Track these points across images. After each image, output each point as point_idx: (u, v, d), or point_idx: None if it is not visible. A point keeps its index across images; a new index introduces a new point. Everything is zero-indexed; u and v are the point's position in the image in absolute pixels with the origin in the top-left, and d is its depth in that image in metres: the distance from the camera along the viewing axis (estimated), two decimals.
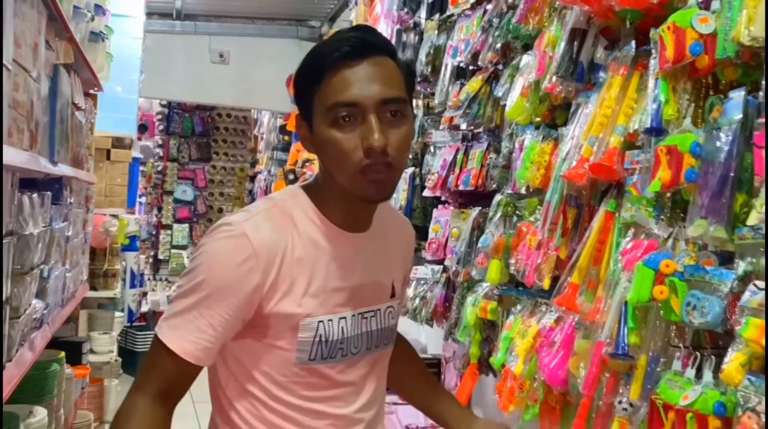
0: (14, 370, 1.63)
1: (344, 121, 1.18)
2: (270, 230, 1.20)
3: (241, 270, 1.17)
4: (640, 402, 1.56)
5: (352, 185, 1.21)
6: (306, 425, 1.26)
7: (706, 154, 1.43)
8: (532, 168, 2.06)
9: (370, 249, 1.33)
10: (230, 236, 1.18)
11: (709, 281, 1.40)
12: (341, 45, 1.19)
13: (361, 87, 1.17)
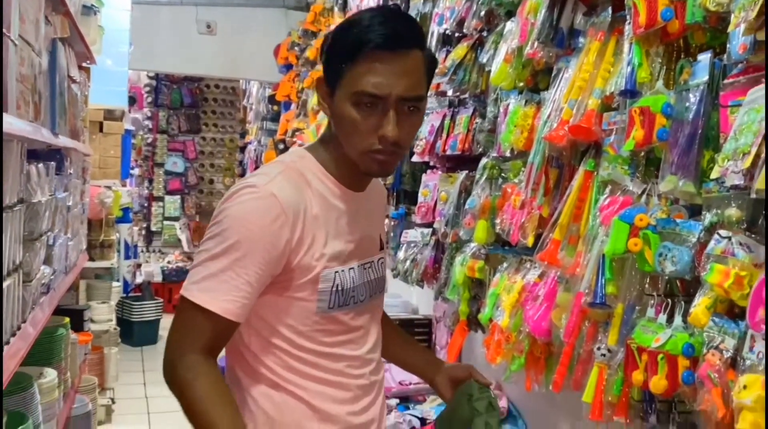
0: (29, 329, 1.72)
1: (366, 106, 1.28)
2: (291, 190, 1.29)
3: (274, 227, 1.25)
4: (617, 347, 1.67)
5: (359, 160, 1.32)
6: (327, 368, 1.36)
7: (677, 114, 1.52)
8: (516, 131, 2.15)
9: (365, 207, 1.45)
10: (259, 197, 1.26)
11: (679, 233, 1.51)
12: (379, 33, 1.26)
13: (388, 82, 1.26)
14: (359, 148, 1.30)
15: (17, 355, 1.56)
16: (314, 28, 5.79)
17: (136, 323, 6.41)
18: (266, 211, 1.25)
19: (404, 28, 1.30)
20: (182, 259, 8.69)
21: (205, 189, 9.24)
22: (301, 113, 5.89)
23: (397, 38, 1.27)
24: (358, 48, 1.26)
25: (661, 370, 1.48)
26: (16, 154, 1.51)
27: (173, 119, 9.05)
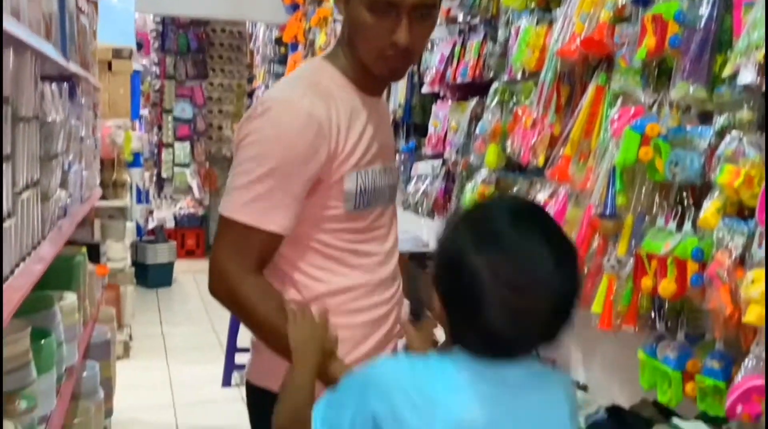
0: (48, 248, 1.76)
1: (381, 10, 1.28)
2: (321, 104, 1.31)
3: (315, 143, 1.28)
4: (626, 258, 1.70)
5: (372, 64, 1.35)
6: (355, 264, 1.40)
7: (689, 21, 1.51)
8: (528, 51, 2.14)
9: (381, 114, 1.47)
10: (295, 116, 1.28)
11: (690, 139, 1.51)
12: None
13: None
14: (372, 52, 1.33)
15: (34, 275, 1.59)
16: None
17: (150, 266, 6.50)
18: (304, 129, 1.28)
19: None
20: (193, 205, 8.74)
21: (214, 135, 9.21)
22: (309, 53, 5.84)
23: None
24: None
25: (670, 274, 1.50)
26: (31, 68, 1.52)
27: (180, 65, 8.98)
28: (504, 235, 0.98)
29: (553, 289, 0.96)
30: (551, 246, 0.98)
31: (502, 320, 0.96)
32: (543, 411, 1.04)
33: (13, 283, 1.35)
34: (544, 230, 1.00)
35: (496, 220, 1.00)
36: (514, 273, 0.96)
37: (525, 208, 1.05)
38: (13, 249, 1.39)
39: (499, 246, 0.97)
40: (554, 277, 0.96)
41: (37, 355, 1.70)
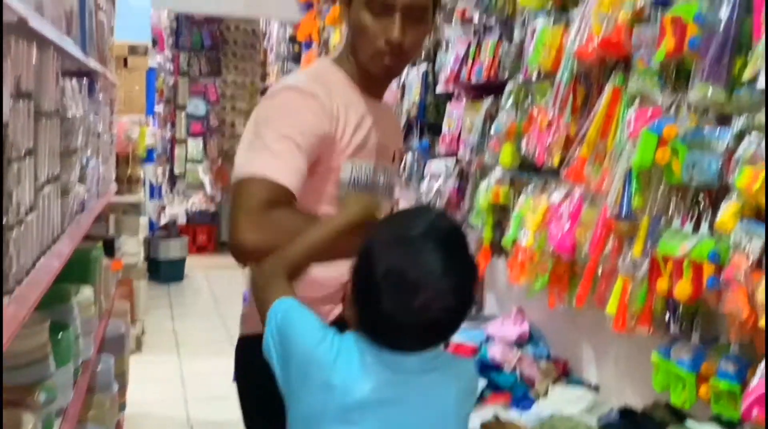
0: (66, 242, 1.78)
1: (377, 11, 1.41)
2: (324, 91, 1.42)
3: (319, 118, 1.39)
4: (641, 259, 1.70)
5: (368, 62, 1.47)
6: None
7: (709, 23, 1.51)
8: (544, 52, 2.14)
9: (382, 117, 1.56)
10: (303, 96, 1.40)
11: (708, 142, 1.51)
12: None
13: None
14: (368, 50, 1.44)
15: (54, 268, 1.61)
16: None
17: (163, 261, 6.54)
18: (311, 105, 1.40)
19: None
20: (205, 202, 8.78)
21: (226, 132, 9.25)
22: (323, 51, 5.85)
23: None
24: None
25: (686, 276, 1.50)
26: (53, 63, 1.54)
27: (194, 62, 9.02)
28: (409, 240, 1.11)
29: (439, 295, 1.09)
30: (448, 259, 1.11)
31: (393, 314, 1.10)
32: (429, 392, 1.16)
33: (34, 277, 1.36)
34: (448, 245, 1.12)
35: (409, 228, 1.13)
36: (407, 274, 1.09)
37: (440, 224, 1.16)
38: (34, 243, 1.41)
39: (402, 249, 1.11)
40: (442, 284, 1.09)
41: (55, 348, 1.72)
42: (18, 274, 1.24)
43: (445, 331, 1.17)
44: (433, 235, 1.12)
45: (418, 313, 1.10)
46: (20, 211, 1.25)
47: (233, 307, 1.52)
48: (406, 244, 1.12)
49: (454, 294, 1.11)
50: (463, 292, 1.14)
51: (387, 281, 1.10)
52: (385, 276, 1.10)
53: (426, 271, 1.10)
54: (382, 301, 1.10)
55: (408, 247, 1.11)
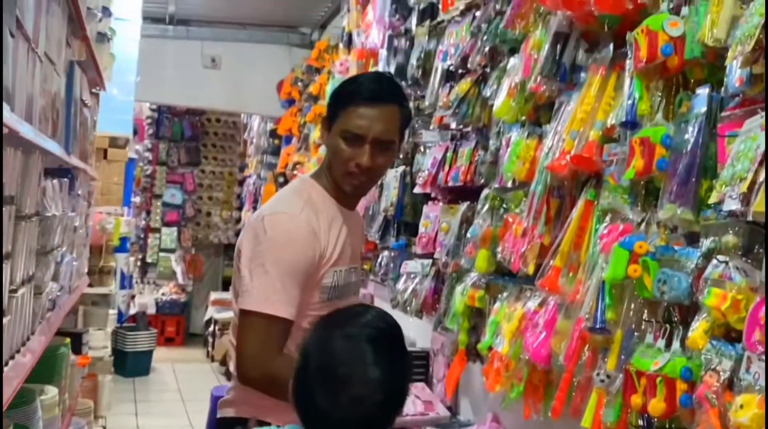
0: (37, 341, 1.74)
1: (350, 141, 1.74)
2: (315, 217, 1.73)
3: (313, 248, 1.69)
4: (616, 373, 1.70)
5: (340, 180, 1.79)
6: None
7: (676, 145, 1.58)
8: (518, 162, 2.21)
9: (353, 225, 1.87)
10: (298, 227, 1.69)
11: (678, 259, 1.55)
12: (367, 89, 1.77)
13: (369, 125, 1.74)
14: (341, 170, 1.77)
15: (25, 368, 1.58)
16: (318, 64, 5.90)
17: (129, 353, 6.39)
18: (307, 237, 1.68)
19: (387, 88, 1.82)
20: (176, 292, 8.67)
21: (202, 221, 9.26)
22: (303, 147, 5.97)
23: (379, 95, 1.77)
24: (351, 99, 1.75)
25: (659, 393, 1.50)
26: (36, 166, 1.56)
27: (173, 151, 9.12)
28: (342, 338, 1.21)
29: (369, 390, 1.18)
30: (378, 356, 1.19)
31: (326, 410, 1.18)
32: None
33: (7, 376, 1.33)
34: (380, 343, 1.22)
35: (344, 326, 1.23)
36: (338, 369, 1.18)
37: (374, 323, 1.24)
38: (6, 345, 1.38)
39: (334, 346, 1.20)
40: (371, 380, 1.18)
41: None
42: None
43: (378, 427, 1.23)
44: (366, 333, 1.21)
45: (349, 408, 1.16)
46: None
47: (200, 403, 1.59)
48: (338, 341, 1.20)
49: (383, 389, 1.18)
50: (394, 389, 1.21)
51: (319, 376, 1.18)
52: (318, 371, 1.19)
53: (356, 367, 1.17)
54: (316, 397, 1.18)
55: (341, 344, 1.20)
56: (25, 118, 1.37)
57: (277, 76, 6.98)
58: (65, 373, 2.52)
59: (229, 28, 7.14)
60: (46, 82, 1.60)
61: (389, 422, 1.23)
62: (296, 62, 6.82)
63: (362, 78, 1.86)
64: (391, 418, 1.23)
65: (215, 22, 7.09)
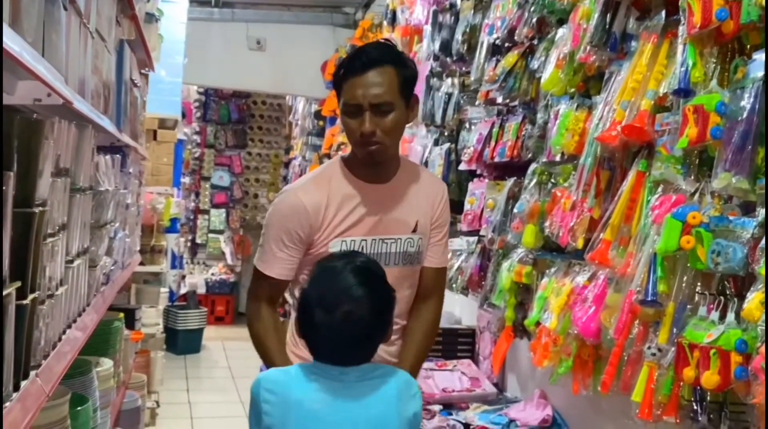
0: (92, 315, 1.79)
1: (352, 112, 1.80)
2: (315, 191, 1.86)
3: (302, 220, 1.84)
4: (667, 346, 1.67)
5: (356, 151, 1.86)
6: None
7: (731, 112, 1.53)
8: (567, 135, 2.17)
9: (391, 195, 1.90)
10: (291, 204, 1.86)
11: (733, 229, 1.51)
12: (351, 62, 1.81)
13: (362, 92, 1.78)
14: (352, 141, 1.84)
15: (80, 340, 1.62)
16: (362, 43, 5.88)
17: (181, 331, 6.53)
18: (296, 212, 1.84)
19: (376, 53, 1.83)
20: (225, 272, 8.81)
21: (249, 203, 9.37)
22: None
23: (366, 62, 1.79)
24: (345, 74, 1.81)
25: (713, 365, 1.47)
26: (89, 141, 1.59)
27: (221, 134, 9.23)
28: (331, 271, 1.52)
29: (356, 307, 1.47)
30: (361, 282, 1.50)
31: (325, 327, 1.48)
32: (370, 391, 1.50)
33: (60, 350, 1.37)
34: (362, 273, 1.52)
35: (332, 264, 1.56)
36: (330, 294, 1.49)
37: (356, 259, 1.57)
38: (62, 316, 1.42)
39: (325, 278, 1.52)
40: (357, 299, 1.48)
41: (73, 421, 1.72)
42: (45, 347, 1.25)
43: (366, 341, 1.53)
44: (350, 266, 1.52)
45: (341, 321, 1.46)
46: (51, 285, 1.27)
47: (249, 380, 1.59)
48: (328, 274, 1.52)
49: (367, 307, 1.48)
50: (377, 309, 1.51)
51: (316, 299, 1.50)
52: (315, 295, 1.51)
53: (344, 287, 1.49)
54: (315, 319, 1.48)
55: (330, 276, 1.51)
56: (77, 91, 1.40)
57: (322, 57, 6.99)
58: (119, 347, 2.59)
59: (273, 10, 7.16)
60: (97, 58, 1.63)
61: (376, 340, 1.54)
62: (340, 42, 6.81)
63: (353, 51, 1.89)
64: (378, 336, 1.54)
65: (260, 4, 7.12)
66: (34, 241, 1.09)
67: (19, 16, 0.98)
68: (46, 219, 1.17)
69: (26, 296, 1.08)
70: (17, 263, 1.05)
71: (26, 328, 1.09)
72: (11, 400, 1.02)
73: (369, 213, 1.86)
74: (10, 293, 1.00)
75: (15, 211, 1.01)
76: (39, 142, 1.10)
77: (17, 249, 1.05)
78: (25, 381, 1.10)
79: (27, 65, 0.94)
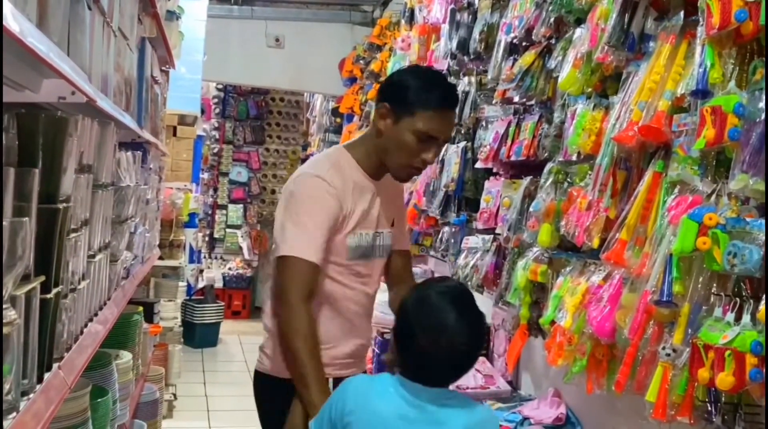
0: (112, 308, 1.83)
1: (425, 140, 1.90)
2: (338, 178, 1.92)
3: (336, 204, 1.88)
4: (682, 347, 1.67)
5: (396, 169, 1.98)
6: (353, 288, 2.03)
7: (749, 114, 1.53)
8: (584, 135, 2.17)
9: (382, 193, 2.04)
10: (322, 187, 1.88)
11: (749, 231, 1.51)
12: (447, 94, 1.95)
13: (445, 130, 1.94)
14: (403, 162, 1.94)
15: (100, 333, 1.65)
16: (380, 41, 5.90)
17: (198, 325, 6.59)
18: (329, 194, 1.88)
19: (456, 94, 2.02)
20: (243, 267, 8.87)
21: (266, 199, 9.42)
22: (364, 124, 5.99)
23: (455, 102, 2.00)
24: (433, 101, 1.88)
25: (728, 367, 1.47)
26: (111, 138, 1.62)
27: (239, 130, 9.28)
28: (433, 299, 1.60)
29: (458, 334, 1.57)
30: (462, 311, 1.59)
31: (429, 350, 1.56)
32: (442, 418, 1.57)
33: (82, 342, 1.40)
34: (461, 301, 1.61)
35: (429, 297, 1.61)
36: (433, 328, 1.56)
37: (451, 289, 1.65)
38: (84, 309, 1.45)
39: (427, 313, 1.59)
40: (460, 327, 1.57)
41: (93, 412, 1.75)
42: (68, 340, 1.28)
43: (464, 363, 1.63)
44: (449, 295, 1.60)
45: (446, 347, 1.56)
46: (74, 280, 1.30)
47: None
48: (434, 297, 1.60)
49: (468, 333, 1.58)
50: (475, 333, 1.63)
51: (425, 328, 1.57)
52: (418, 319, 1.58)
53: (449, 316, 1.57)
54: (419, 339, 1.57)
55: (436, 299, 1.60)
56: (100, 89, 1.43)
57: (339, 54, 7.01)
58: (138, 340, 2.63)
59: (292, 7, 7.19)
60: (119, 56, 1.66)
61: (473, 361, 1.65)
62: (358, 40, 6.83)
63: (439, 80, 1.99)
64: (475, 356, 1.65)
65: (279, 2, 7.16)
66: (58, 236, 1.12)
67: (46, 16, 1.01)
68: (69, 215, 1.19)
69: (50, 290, 1.10)
70: (41, 258, 1.08)
71: (50, 321, 1.12)
72: (35, 392, 1.05)
73: (373, 207, 2.00)
74: (35, 287, 1.02)
75: (40, 207, 1.04)
76: (63, 140, 1.12)
77: (41, 244, 1.07)
78: (48, 373, 1.13)
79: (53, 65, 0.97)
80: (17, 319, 0.88)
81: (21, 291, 0.93)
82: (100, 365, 2.01)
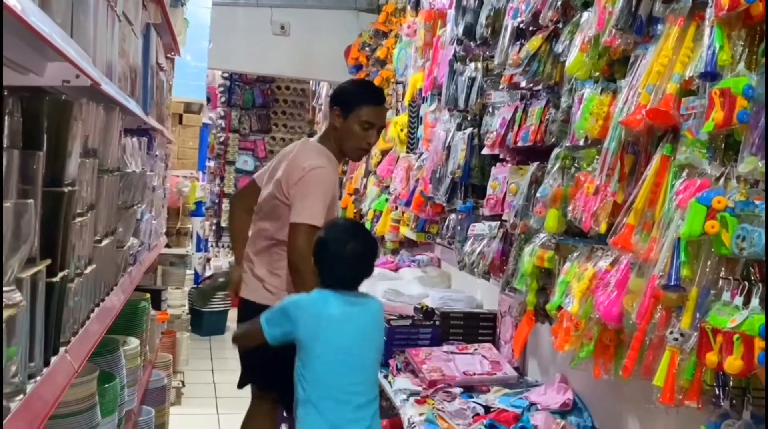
0: (119, 294, 1.83)
1: (365, 128, 2.86)
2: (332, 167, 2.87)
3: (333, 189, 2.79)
4: (690, 331, 1.66)
5: (351, 153, 2.95)
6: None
7: (758, 96, 1.51)
8: (591, 119, 2.16)
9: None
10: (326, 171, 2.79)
11: (758, 214, 1.50)
12: (376, 94, 2.96)
13: (379, 119, 2.92)
14: (356, 146, 2.89)
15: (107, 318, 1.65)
16: (385, 28, 5.87)
17: (205, 313, 6.61)
18: (332, 180, 2.80)
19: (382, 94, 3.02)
20: None
21: None
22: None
23: (382, 99, 2.98)
24: (368, 100, 2.86)
25: (736, 350, 1.47)
26: (116, 123, 1.62)
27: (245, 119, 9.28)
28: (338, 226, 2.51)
29: (358, 244, 2.40)
30: (357, 231, 2.50)
31: (341, 268, 2.39)
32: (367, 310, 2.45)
33: (89, 328, 1.40)
34: (356, 226, 2.59)
35: (337, 222, 2.61)
36: (340, 240, 2.38)
37: (350, 220, 3.42)
38: (90, 295, 1.46)
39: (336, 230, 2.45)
40: (356, 247, 2.38)
41: (101, 397, 1.76)
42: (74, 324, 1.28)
43: (365, 266, 2.45)
44: (350, 222, 2.74)
45: (350, 251, 2.36)
46: (80, 264, 1.30)
47: None
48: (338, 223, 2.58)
49: (363, 242, 2.43)
50: (370, 243, 2.50)
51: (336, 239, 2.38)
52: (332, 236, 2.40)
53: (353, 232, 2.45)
54: (333, 249, 2.36)
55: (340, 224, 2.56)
56: (105, 74, 1.42)
57: (345, 41, 6.98)
58: (146, 327, 2.64)
59: None
60: (124, 41, 1.65)
61: (371, 270, 2.48)
62: (364, 27, 6.80)
63: (369, 86, 3.05)
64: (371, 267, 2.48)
65: None
66: (63, 219, 1.12)
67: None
68: (75, 198, 1.19)
69: (56, 274, 1.10)
70: (47, 241, 1.08)
71: (56, 305, 1.12)
72: (41, 375, 1.05)
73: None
74: (41, 270, 1.02)
75: (45, 191, 1.03)
76: (68, 123, 1.12)
77: (47, 228, 1.07)
78: (55, 357, 1.13)
79: (56, 46, 0.96)
80: (23, 301, 0.88)
81: (26, 273, 0.93)
82: (108, 351, 2.01)
